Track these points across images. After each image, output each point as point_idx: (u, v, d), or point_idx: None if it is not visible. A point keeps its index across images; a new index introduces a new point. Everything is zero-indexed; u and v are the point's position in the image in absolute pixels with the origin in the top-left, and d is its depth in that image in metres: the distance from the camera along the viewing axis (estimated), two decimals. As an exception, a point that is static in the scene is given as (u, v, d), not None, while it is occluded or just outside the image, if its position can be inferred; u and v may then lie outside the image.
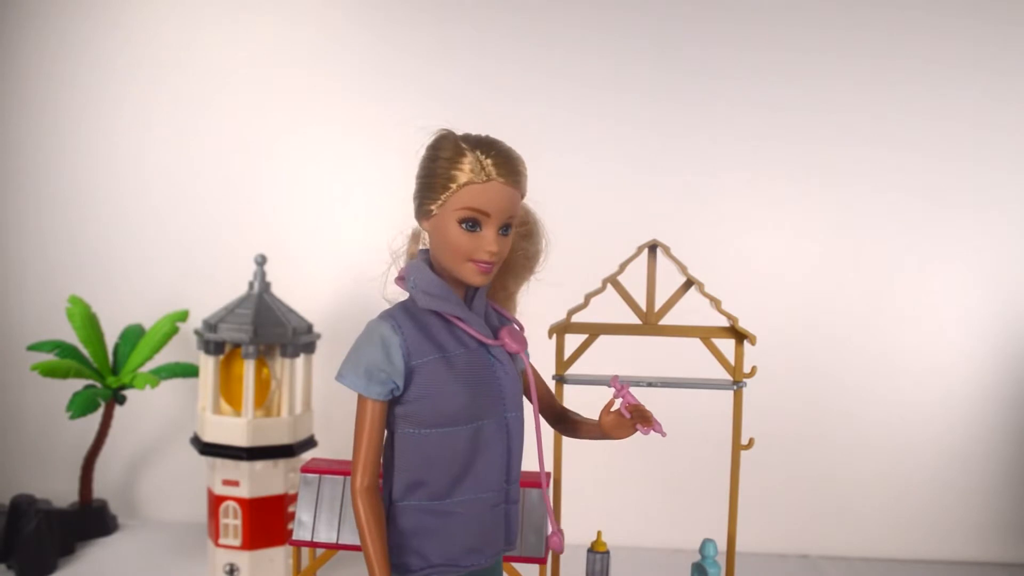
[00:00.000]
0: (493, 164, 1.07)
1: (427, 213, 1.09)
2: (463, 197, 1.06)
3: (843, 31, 2.44)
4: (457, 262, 1.08)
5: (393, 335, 1.08)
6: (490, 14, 2.51)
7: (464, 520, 1.11)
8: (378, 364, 1.07)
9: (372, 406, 1.08)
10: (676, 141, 2.49)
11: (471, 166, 1.06)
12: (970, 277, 2.45)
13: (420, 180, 1.11)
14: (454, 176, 1.06)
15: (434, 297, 1.10)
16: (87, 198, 2.64)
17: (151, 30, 2.60)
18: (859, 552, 2.45)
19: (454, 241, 1.07)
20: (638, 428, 1.16)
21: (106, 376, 2.38)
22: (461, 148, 1.08)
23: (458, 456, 1.10)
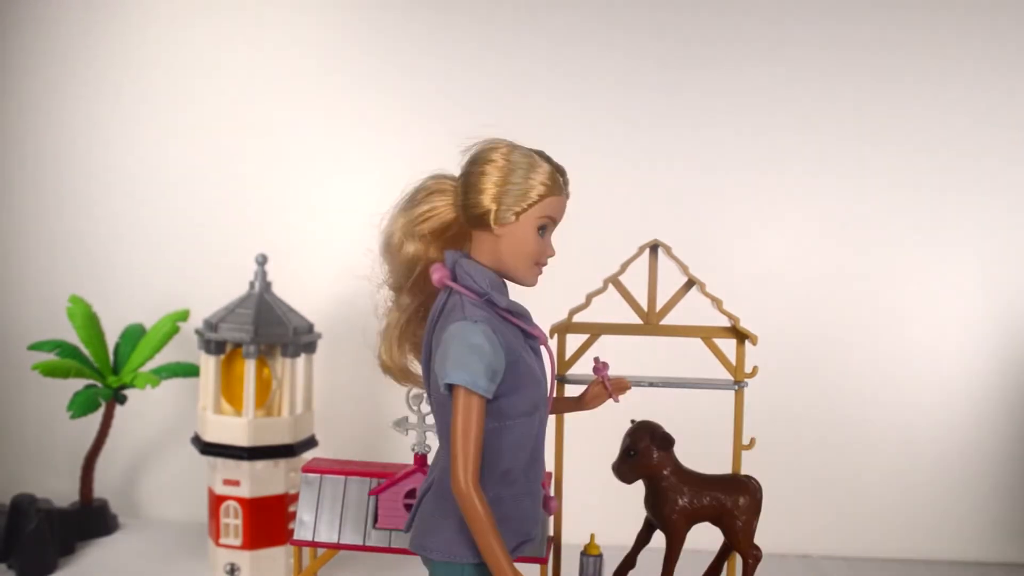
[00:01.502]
0: (564, 180, 1.22)
1: (506, 219, 1.17)
2: (546, 207, 1.18)
3: (845, 31, 2.44)
4: (527, 264, 1.20)
5: (493, 334, 1.14)
6: (490, 12, 2.51)
7: (534, 497, 1.23)
8: (492, 363, 1.13)
9: (480, 404, 1.13)
10: (677, 141, 2.49)
11: (552, 179, 1.19)
12: (973, 278, 2.45)
13: (499, 188, 1.18)
14: (541, 187, 1.18)
15: (505, 297, 1.20)
16: (88, 198, 2.64)
17: (151, 30, 2.60)
18: (860, 552, 2.45)
19: (531, 246, 1.19)
20: (613, 397, 1.37)
21: (107, 376, 2.38)
22: (540, 162, 1.20)
23: (531, 443, 1.20)
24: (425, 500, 1.24)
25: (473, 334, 1.12)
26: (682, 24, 2.48)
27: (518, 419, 1.17)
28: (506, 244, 1.19)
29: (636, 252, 1.57)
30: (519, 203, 1.17)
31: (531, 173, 1.17)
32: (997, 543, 2.46)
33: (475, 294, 1.18)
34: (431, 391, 1.22)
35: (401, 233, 1.27)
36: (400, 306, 1.31)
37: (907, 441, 2.47)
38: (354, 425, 2.55)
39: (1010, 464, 2.46)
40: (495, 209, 1.17)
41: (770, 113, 2.47)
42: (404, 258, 1.27)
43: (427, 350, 1.22)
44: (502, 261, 1.20)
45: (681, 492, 1.45)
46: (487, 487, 1.16)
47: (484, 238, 1.20)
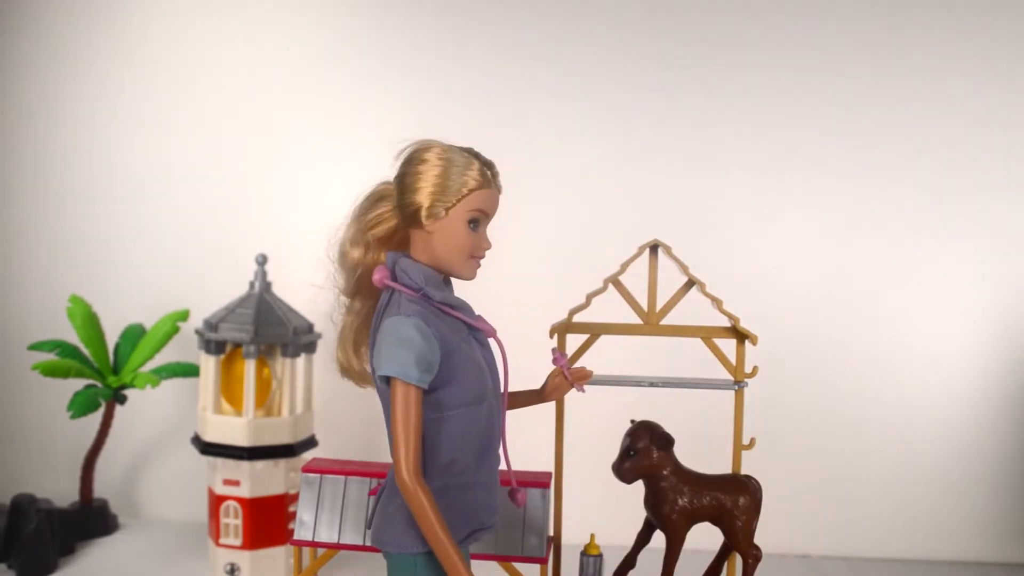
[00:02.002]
0: (492, 173, 1.24)
1: (436, 215, 1.20)
2: (473, 200, 1.20)
3: (845, 31, 2.44)
4: (461, 258, 1.22)
5: (427, 327, 1.16)
6: (491, 12, 2.51)
7: (487, 486, 1.24)
8: (424, 354, 1.15)
9: (415, 394, 1.15)
10: (678, 141, 2.49)
11: (479, 173, 1.21)
12: (973, 278, 2.45)
13: (431, 185, 1.21)
14: (466, 182, 1.20)
15: (440, 292, 1.21)
16: (88, 198, 2.64)
17: (151, 29, 2.60)
18: (860, 552, 2.45)
19: (462, 240, 1.21)
20: (575, 386, 1.37)
21: (107, 376, 2.38)
22: (468, 157, 1.22)
23: (480, 432, 1.22)
24: (381, 495, 1.27)
25: (404, 327, 1.15)
26: (682, 24, 2.48)
27: (458, 409, 1.19)
28: (438, 240, 1.21)
29: (636, 252, 1.57)
30: (447, 198, 1.20)
31: (457, 169, 1.20)
32: (997, 543, 2.46)
33: (411, 290, 1.20)
34: (378, 389, 1.24)
35: (349, 240, 1.33)
36: (352, 310, 1.35)
37: (907, 441, 2.47)
38: (354, 425, 2.55)
39: (1010, 464, 2.46)
40: (425, 205, 1.21)
41: (770, 113, 2.47)
42: (348, 263, 1.32)
43: (372, 349, 1.24)
44: (437, 257, 1.22)
45: (681, 492, 1.45)
46: (432, 477, 1.18)
47: (418, 236, 1.23)
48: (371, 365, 1.24)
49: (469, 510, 1.21)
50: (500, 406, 1.27)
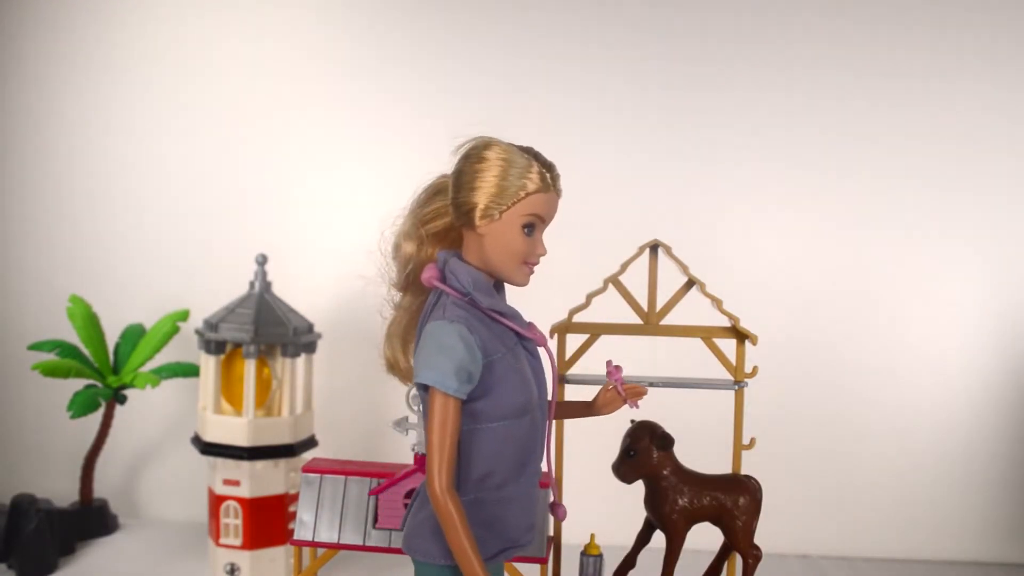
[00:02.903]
0: (552, 177, 1.19)
1: (491, 216, 1.15)
2: (530, 204, 1.16)
3: (845, 31, 2.44)
4: (514, 264, 1.18)
5: (470, 334, 1.12)
6: (491, 10, 2.51)
7: (524, 503, 1.20)
8: (465, 363, 1.11)
9: (453, 405, 1.11)
10: (678, 140, 2.49)
11: (539, 176, 1.16)
12: (974, 278, 2.45)
13: (489, 185, 1.16)
14: (525, 184, 1.15)
15: (489, 297, 1.17)
16: (88, 198, 2.64)
17: (151, 28, 2.60)
18: (860, 552, 2.45)
19: (516, 244, 1.16)
20: (628, 403, 1.34)
21: (107, 376, 2.38)
22: (528, 159, 1.18)
23: (520, 446, 1.18)
24: (414, 501, 1.24)
25: (447, 334, 1.11)
26: (682, 23, 2.48)
27: (499, 422, 1.15)
28: (490, 242, 1.16)
29: (636, 252, 1.57)
30: (503, 200, 1.15)
31: (517, 171, 1.15)
32: (997, 543, 2.46)
33: (459, 293, 1.16)
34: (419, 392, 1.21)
35: (404, 233, 1.26)
36: (401, 306, 1.30)
37: (907, 441, 2.47)
38: (354, 425, 2.55)
39: (1010, 464, 2.46)
40: (480, 206, 1.16)
41: (771, 113, 2.47)
42: (401, 257, 1.27)
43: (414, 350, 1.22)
44: (488, 260, 1.18)
45: (681, 492, 1.45)
46: (465, 490, 1.14)
47: (471, 236, 1.19)
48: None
49: (502, 526, 1.17)
50: (544, 418, 1.22)
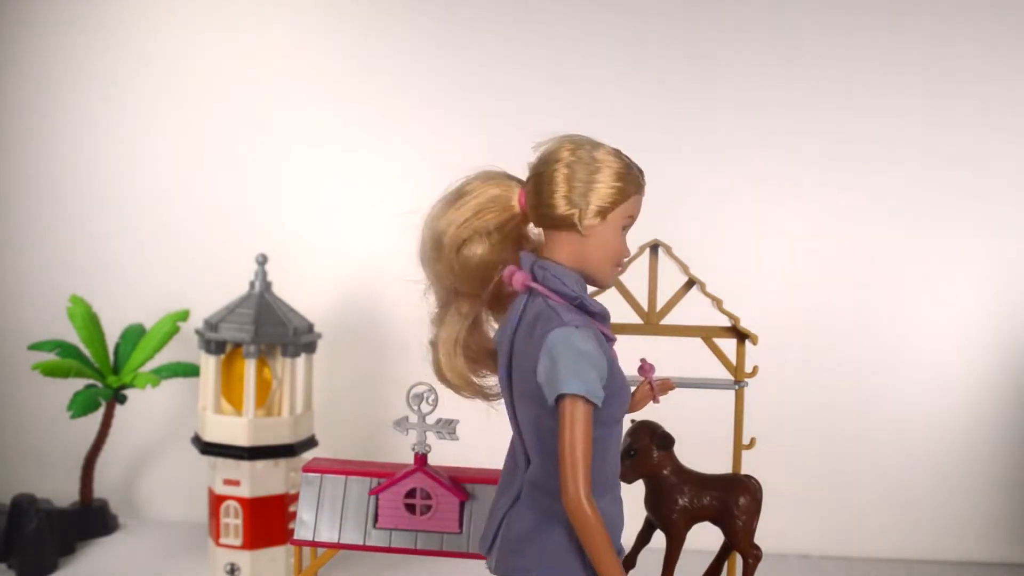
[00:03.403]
0: (643, 178, 1.19)
1: (594, 219, 1.13)
2: (631, 205, 1.16)
3: (845, 31, 2.44)
4: (609, 266, 1.16)
5: (596, 340, 1.10)
6: (491, 10, 2.51)
7: (620, 508, 1.19)
8: (602, 370, 1.09)
9: (589, 412, 1.07)
10: (678, 140, 2.49)
11: (635, 178, 1.17)
12: (974, 278, 2.45)
13: (601, 187, 1.13)
14: (627, 186, 1.15)
15: (595, 302, 1.16)
16: (88, 198, 2.64)
17: (152, 31, 2.60)
18: (860, 552, 2.45)
19: (616, 245, 1.16)
20: (655, 398, 1.36)
21: (107, 376, 2.38)
22: (625, 159, 1.17)
23: (617, 450, 1.19)
24: (512, 519, 1.16)
25: (581, 340, 1.07)
26: (682, 22, 2.48)
27: (614, 426, 1.15)
28: (593, 245, 1.13)
29: (636, 252, 1.57)
30: (607, 202, 1.13)
31: (623, 172, 1.14)
32: (997, 543, 2.46)
33: (564, 298, 1.12)
34: (515, 401, 1.14)
35: (459, 232, 1.17)
36: (461, 314, 1.21)
37: (907, 441, 2.47)
38: (354, 425, 2.55)
39: (1010, 464, 2.46)
40: (591, 208, 1.12)
41: (771, 113, 2.47)
42: (471, 261, 1.18)
43: (507, 359, 1.15)
44: (587, 263, 1.14)
45: (681, 492, 1.45)
46: (596, 497, 1.10)
47: (565, 239, 1.14)
48: (505, 375, 1.16)
49: (614, 530, 1.15)
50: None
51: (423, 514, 1.48)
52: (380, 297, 2.55)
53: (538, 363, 1.08)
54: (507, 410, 1.19)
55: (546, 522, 1.12)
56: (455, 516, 1.47)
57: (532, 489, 1.15)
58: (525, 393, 1.12)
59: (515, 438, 1.19)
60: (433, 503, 1.47)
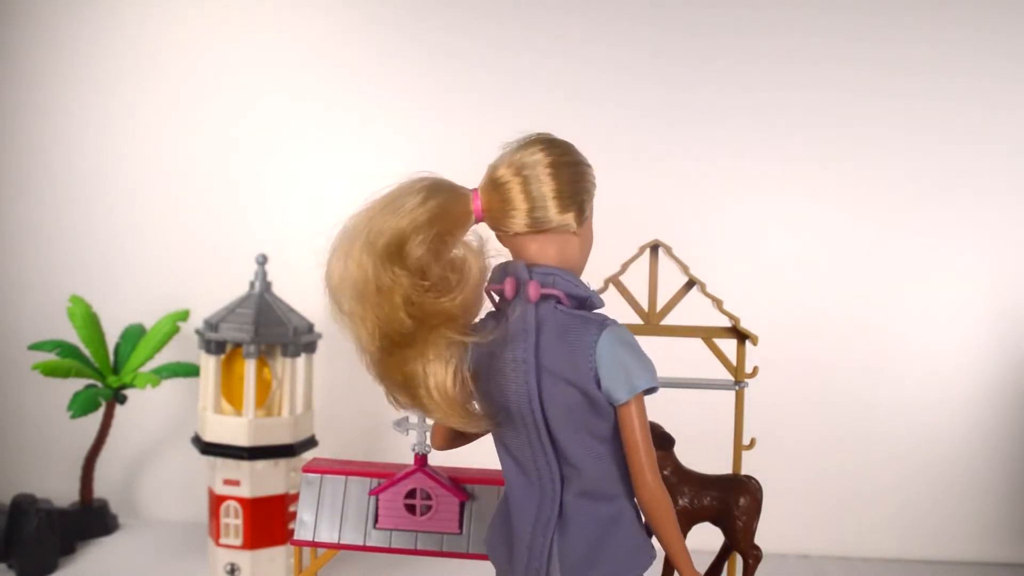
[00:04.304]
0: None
1: (586, 217, 1.14)
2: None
3: (846, 31, 2.44)
4: (586, 260, 1.18)
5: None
6: (492, 10, 2.51)
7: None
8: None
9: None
10: (678, 140, 2.49)
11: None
12: (974, 278, 2.45)
13: (588, 184, 1.14)
14: (594, 179, 1.16)
15: (598, 298, 1.14)
16: (88, 198, 2.64)
17: (150, 28, 2.60)
18: (860, 552, 2.45)
19: (592, 240, 1.17)
20: None
21: (107, 376, 2.38)
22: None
23: None
24: (570, 541, 1.11)
25: (628, 334, 1.10)
26: (682, 21, 2.48)
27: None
28: (580, 243, 1.14)
29: (636, 252, 1.57)
30: (590, 198, 1.14)
31: (588, 166, 1.15)
32: (997, 543, 2.46)
33: (576, 300, 1.11)
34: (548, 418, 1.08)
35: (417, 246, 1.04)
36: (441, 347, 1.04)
37: (907, 441, 2.47)
38: (354, 425, 2.55)
39: (1010, 464, 2.46)
40: (578, 207, 1.11)
41: (772, 113, 2.47)
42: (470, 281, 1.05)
43: (532, 377, 1.07)
44: (572, 261, 1.14)
45: (681, 492, 1.45)
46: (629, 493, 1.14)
47: (552, 240, 1.11)
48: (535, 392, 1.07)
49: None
50: None
51: (423, 514, 1.48)
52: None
53: (590, 370, 1.07)
54: (522, 434, 1.11)
55: (611, 527, 1.12)
56: (455, 516, 1.47)
57: (585, 502, 1.11)
58: (565, 405, 1.08)
59: (536, 460, 1.11)
60: (433, 503, 1.47)
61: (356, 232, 1.10)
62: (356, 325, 1.06)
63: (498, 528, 1.21)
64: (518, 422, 1.10)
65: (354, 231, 1.11)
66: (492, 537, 1.22)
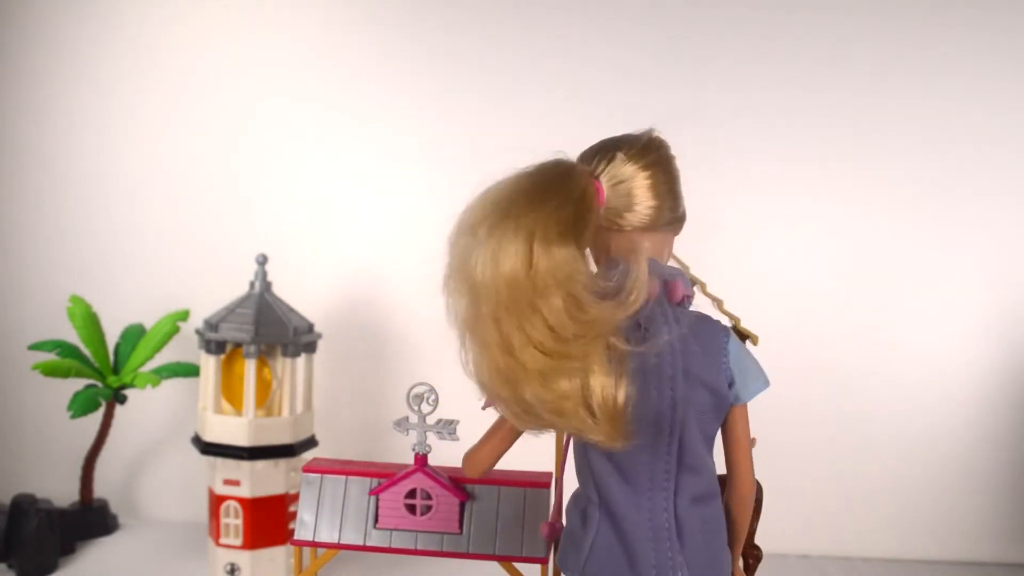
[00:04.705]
0: None
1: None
2: None
3: (846, 30, 2.44)
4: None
5: None
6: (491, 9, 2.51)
7: None
8: None
9: None
10: (678, 140, 2.48)
11: None
12: (975, 277, 2.45)
13: (678, 188, 1.16)
14: None
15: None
16: (88, 198, 2.64)
17: (152, 30, 2.60)
18: (860, 552, 2.45)
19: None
20: None
21: (107, 376, 2.38)
22: None
23: None
24: (688, 544, 1.08)
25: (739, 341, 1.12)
26: (682, 21, 2.48)
27: None
28: (671, 247, 1.19)
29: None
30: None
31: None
32: (997, 543, 2.46)
33: (684, 299, 1.10)
34: (685, 418, 1.05)
35: (585, 238, 0.98)
36: (606, 351, 0.96)
37: (907, 441, 2.47)
38: (354, 425, 2.55)
39: (1010, 464, 2.46)
40: (682, 212, 1.17)
41: (772, 113, 2.47)
42: (641, 276, 0.99)
43: (679, 377, 1.03)
44: (667, 259, 1.17)
45: None
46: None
47: (666, 238, 1.16)
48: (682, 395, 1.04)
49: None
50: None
51: (423, 514, 1.48)
52: (381, 297, 2.55)
53: (725, 372, 1.08)
54: (646, 442, 1.04)
55: (717, 529, 1.14)
56: (455, 516, 1.48)
57: (694, 507, 1.09)
58: (698, 408, 1.07)
59: (653, 468, 1.07)
60: (433, 503, 1.47)
61: (511, 224, 0.92)
62: (495, 331, 0.91)
63: (604, 550, 1.08)
64: (651, 430, 1.04)
65: (507, 222, 0.93)
66: (594, 559, 1.09)
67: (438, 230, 1.18)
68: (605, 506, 1.08)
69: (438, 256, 1.07)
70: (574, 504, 1.17)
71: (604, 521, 1.09)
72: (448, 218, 1.02)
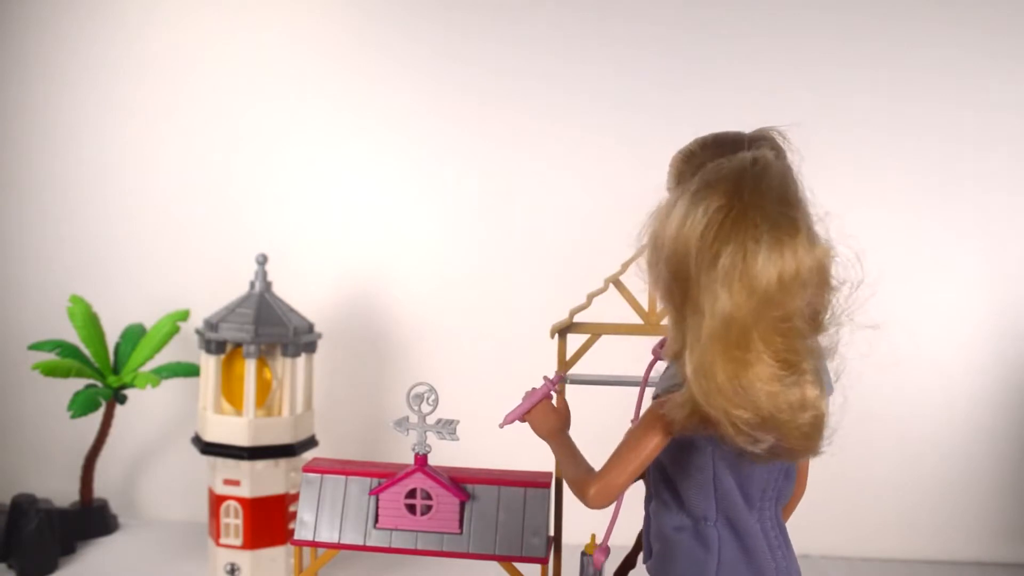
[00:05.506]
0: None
1: None
2: None
3: (847, 30, 2.44)
4: None
5: None
6: (490, 8, 2.51)
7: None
8: None
9: None
10: (677, 139, 2.48)
11: None
12: (975, 277, 2.45)
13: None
14: None
15: None
16: (88, 197, 2.64)
17: (152, 30, 2.60)
18: (860, 552, 2.45)
19: None
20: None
21: (107, 375, 2.38)
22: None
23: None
24: (789, 553, 1.16)
25: None
26: (683, 20, 2.48)
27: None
28: None
29: (636, 252, 1.56)
30: None
31: None
32: (997, 543, 2.46)
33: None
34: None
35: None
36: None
37: (907, 441, 2.47)
38: (354, 425, 2.55)
39: (1010, 464, 2.46)
40: None
41: (770, 111, 2.46)
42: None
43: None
44: None
45: None
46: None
47: None
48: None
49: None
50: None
51: (423, 514, 1.48)
52: (381, 297, 2.55)
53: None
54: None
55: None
56: (455, 516, 1.48)
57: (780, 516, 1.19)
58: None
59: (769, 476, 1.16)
60: (433, 503, 1.47)
61: (791, 221, 0.93)
62: (755, 336, 0.90)
63: (730, 566, 1.10)
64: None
65: (785, 219, 0.92)
66: None
67: (438, 230, 1.19)
68: (727, 523, 1.10)
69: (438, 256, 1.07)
70: (674, 530, 1.12)
71: (727, 538, 1.10)
72: (448, 218, 1.03)
